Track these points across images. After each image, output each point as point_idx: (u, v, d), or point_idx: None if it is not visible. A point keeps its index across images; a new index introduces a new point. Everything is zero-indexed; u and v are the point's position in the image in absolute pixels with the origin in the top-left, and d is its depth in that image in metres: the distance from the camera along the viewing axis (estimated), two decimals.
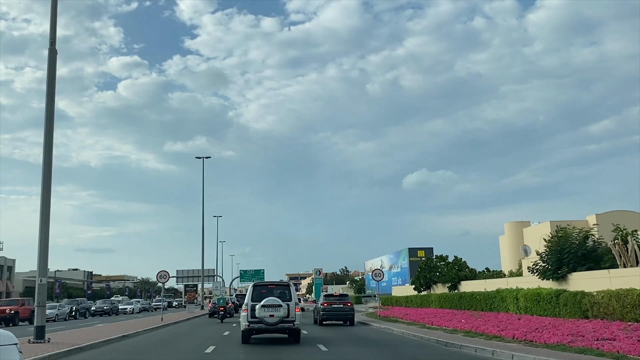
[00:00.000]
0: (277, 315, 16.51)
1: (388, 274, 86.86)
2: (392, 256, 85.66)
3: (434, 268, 43.82)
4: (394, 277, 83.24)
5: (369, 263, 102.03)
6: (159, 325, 28.56)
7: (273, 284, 18.46)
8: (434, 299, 37.74)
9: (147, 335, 22.78)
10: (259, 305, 16.53)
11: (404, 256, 78.04)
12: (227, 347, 16.33)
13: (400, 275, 79.56)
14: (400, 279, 79.30)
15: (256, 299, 16.96)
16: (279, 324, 16.67)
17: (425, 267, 44.44)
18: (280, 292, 17.40)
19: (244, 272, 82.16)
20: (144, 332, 24.33)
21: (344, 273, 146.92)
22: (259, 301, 16.71)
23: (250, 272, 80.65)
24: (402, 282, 77.14)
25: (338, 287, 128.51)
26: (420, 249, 76.66)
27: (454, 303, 33.73)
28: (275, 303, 16.56)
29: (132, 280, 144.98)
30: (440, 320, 24.18)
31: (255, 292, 17.41)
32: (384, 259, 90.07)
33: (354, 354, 14.60)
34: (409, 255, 75.85)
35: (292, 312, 16.79)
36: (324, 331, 23.44)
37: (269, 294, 17.20)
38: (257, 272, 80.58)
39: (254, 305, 16.65)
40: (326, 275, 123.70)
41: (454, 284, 40.27)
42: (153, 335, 23.23)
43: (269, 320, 16.53)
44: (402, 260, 79.31)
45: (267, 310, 16.47)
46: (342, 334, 21.57)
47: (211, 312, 36.55)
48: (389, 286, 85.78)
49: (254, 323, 16.65)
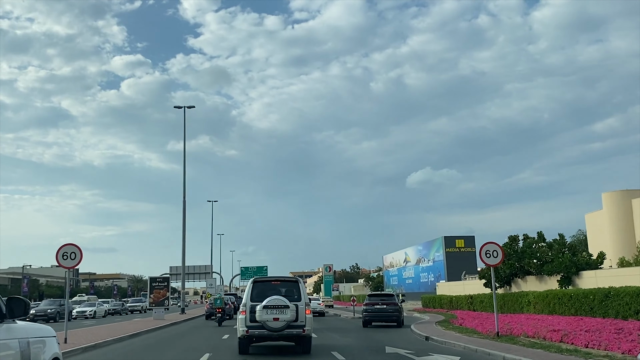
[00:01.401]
0: (282, 319, 13.44)
1: (415, 269, 73.32)
2: (420, 248, 71.97)
3: (526, 253, 29.50)
4: (423, 273, 69.71)
5: (388, 257, 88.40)
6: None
7: (278, 280, 15.02)
8: (532, 300, 24.05)
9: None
10: (260, 306, 13.48)
11: (438, 247, 64.35)
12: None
13: (433, 270, 65.88)
14: (433, 275, 65.65)
15: (257, 298, 13.88)
16: (285, 330, 13.56)
17: (512, 252, 29.90)
18: (286, 290, 14.33)
19: (245, 269, 75.99)
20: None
21: (355, 270, 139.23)
22: (260, 301, 13.65)
23: (252, 269, 74.78)
24: (436, 277, 63.56)
25: (350, 286, 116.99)
26: (459, 237, 63.17)
27: (573, 305, 20.54)
28: (281, 303, 13.49)
29: (127, 279, 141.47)
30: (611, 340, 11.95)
31: (256, 289, 14.23)
32: (410, 252, 76.39)
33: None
34: (444, 246, 62.30)
35: (302, 314, 13.68)
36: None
37: (272, 291, 14.10)
38: (259, 269, 74.46)
39: (254, 306, 13.65)
40: (335, 273, 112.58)
41: (567, 277, 26.30)
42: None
43: (272, 324, 13.47)
44: (434, 252, 65.62)
45: (271, 313, 13.45)
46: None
47: (208, 314, 34.62)
48: (416, 283, 72.36)
49: (253, 328, 13.67)
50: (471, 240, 62.64)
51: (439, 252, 64.22)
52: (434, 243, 66.10)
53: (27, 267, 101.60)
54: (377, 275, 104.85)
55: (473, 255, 61.87)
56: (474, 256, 62.05)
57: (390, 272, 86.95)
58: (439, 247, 63.96)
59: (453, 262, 61.25)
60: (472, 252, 62.03)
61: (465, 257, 61.45)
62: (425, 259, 69.34)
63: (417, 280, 72.12)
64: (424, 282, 69.12)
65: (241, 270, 77.98)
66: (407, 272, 77.29)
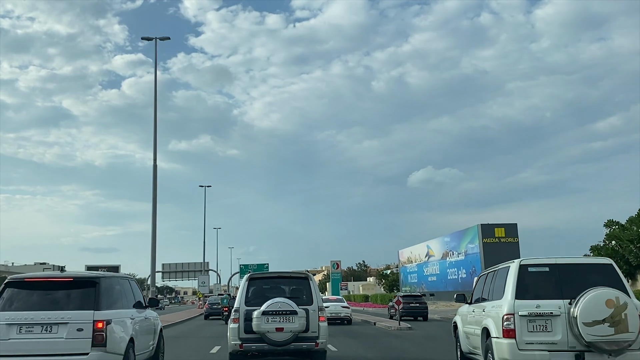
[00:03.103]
0: (288, 329, 10.31)
1: (441, 264, 63.31)
2: (447, 239, 61.86)
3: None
4: (452, 269, 59.67)
5: (405, 252, 78.36)
6: None
7: (282, 275, 11.65)
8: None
9: None
10: (259, 312, 10.36)
11: (472, 237, 54.29)
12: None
13: (465, 265, 55.82)
14: (465, 270, 55.62)
15: (253, 300, 10.77)
16: (292, 344, 10.40)
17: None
18: (293, 290, 11.18)
19: (245, 267, 69.20)
20: None
21: (362, 268, 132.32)
22: (258, 305, 10.53)
23: (252, 267, 68.50)
24: (470, 273, 53.49)
25: (358, 284, 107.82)
26: (499, 225, 53.04)
27: None
28: (286, 308, 10.33)
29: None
30: None
31: (252, 289, 11.08)
32: (434, 245, 66.35)
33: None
34: (481, 236, 52.15)
35: (314, 322, 10.58)
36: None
37: (274, 292, 11.00)
38: (260, 267, 68.19)
39: (250, 312, 10.54)
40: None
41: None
42: None
43: (275, 337, 10.32)
44: (467, 243, 55.56)
45: (272, 321, 10.30)
46: None
47: (207, 314, 35.26)
48: (442, 281, 62.29)
49: (250, 342, 10.53)
50: (513, 228, 52.61)
51: (473, 243, 54.13)
52: (467, 233, 56.02)
53: (8, 265, 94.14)
54: (391, 273, 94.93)
55: (515, 247, 51.96)
56: (517, 247, 52.15)
57: (407, 269, 76.86)
58: (474, 237, 53.87)
59: (492, 255, 50.96)
60: (514, 243, 52.15)
61: (506, 248, 51.36)
62: (454, 252, 59.22)
63: (443, 277, 62.07)
64: (452, 280, 59.10)
65: (240, 268, 71.67)
66: (430, 267, 67.17)
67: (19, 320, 7.76)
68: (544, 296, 7.86)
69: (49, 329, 7.76)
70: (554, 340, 7.63)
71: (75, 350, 7.71)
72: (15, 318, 7.77)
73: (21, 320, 7.76)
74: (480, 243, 52.12)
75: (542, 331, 7.71)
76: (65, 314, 7.83)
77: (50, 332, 7.74)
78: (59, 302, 8.02)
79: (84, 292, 8.14)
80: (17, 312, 7.84)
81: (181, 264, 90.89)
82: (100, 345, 7.78)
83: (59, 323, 7.78)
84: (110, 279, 8.98)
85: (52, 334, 7.74)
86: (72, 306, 7.97)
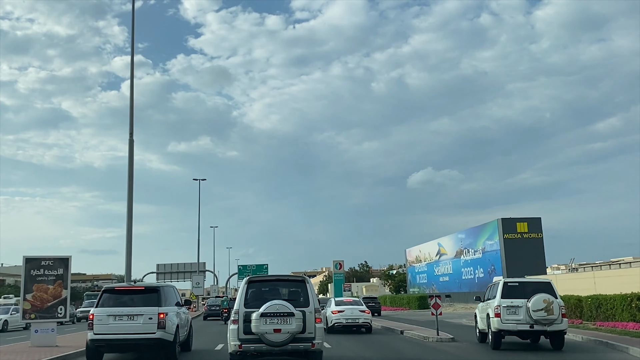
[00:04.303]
0: (286, 330, 10.94)
1: (454, 263, 58.68)
2: (462, 236, 57.19)
3: None
4: (467, 267, 54.99)
5: (413, 251, 73.67)
6: None
7: (280, 279, 12.40)
8: None
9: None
10: (257, 314, 11.01)
11: (491, 233, 49.65)
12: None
13: (483, 263, 51.18)
14: (483, 269, 50.98)
15: (252, 302, 11.42)
16: (289, 344, 11.06)
17: None
18: (290, 292, 11.78)
19: (244, 267, 66.73)
20: None
21: (364, 269, 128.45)
22: (256, 307, 11.18)
23: (251, 268, 66.25)
24: (488, 273, 48.90)
25: (361, 285, 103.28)
26: (521, 219, 48.36)
27: None
28: (284, 310, 10.99)
29: (117, 279, 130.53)
30: None
31: (251, 292, 11.70)
32: (446, 242, 61.71)
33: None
34: (502, 231, 47.51)
35: (311, 324, 11.23)
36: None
37: (272, 294, 11.64)
38: (259, 268, 66.12)
39: (249, 314, 11.17)
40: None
41: None
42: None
43: (273, 337, 10.97)
44: (485, 239, 50.92)
45: (270, 322, 10.96)
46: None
47: (206, 315, 36.92)
48: (456, 281, 57.66)
49: (249, 342, 11.15)
50: (537, 223, 47.92)
51: (492, 239, 49.45)
52: (485, 229, 51.32)
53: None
54: (397, 273, 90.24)
55: (540, 243, 47.41)
56: (541, 244, 47.54)
57: (416, 268, 72.12)
58: (493, 233, 49.19)
59: (514, 252, 46.65)
60: (538, 239, 47.57)
61: (530, 245, 46.88)
62: (470, 249, 54.53)
63: (457, 276, 57.39)
64: (467, 280, 54.43)
65: (239, 268, 68.52)
66: (441, 267, 62.46)
67: (115, 313, 12.82)
68: (515, 297, 15.11)
69: (133, 318, 12.80)
70: (519, 319, 14.91)
71: (148, 330, 12.74)
72: (112, 312, 12.85)
73: (116, 313, 12.82)
74: (500, 239, 47.47)
75: (514, 314, 15.00)
76: (142, 309, 12.85)
77: (133, 320, 12.78)
78: (137, 301, 13.06)
79: (151, 296, 13.20)
80: (113, 308, 12.92)
81: (177, 264, 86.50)
82: (162, 328, 12.81)
83: (138, 314, 12.82)
84: (165, 287, 14.04)
85: (135, 321, 12.77)
86: (145, 304, 12.96)
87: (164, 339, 12.79)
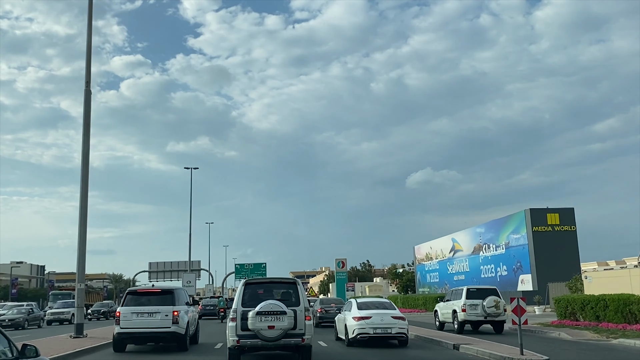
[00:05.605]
0: (278, 327, 12.29)
1: (472, 260, 53.54)
2: (481, 230, 52.04)
3: None
4: (488, 265, 49.90)
5: (422, 248, 68.62)
6: None
7: (273, 281, 13.91)
8: None
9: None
10: (253, 312, 12.32)
11: (517, 226, 44.54)
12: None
13: (506, 260, 46.09)
14: (506, 266, 45.96)
15: (249, 302, 12.75)
16: (281, 339, 12.41)
17: None
18: (283, 293, 13.20)
19: (241, 266, 65.70)
20: None
21: (366, 268, 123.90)
22: (252, 306, 12.48)
23: (249, 267, 65.24)
24: (513, 270, 43.88)
25: (364, 285, 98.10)
26: (552, 210, 43.15)
27: None
28: (277, 309, 12.30)
29: (110, 279, 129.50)
30: None
31: (248, 292, 13.11)
32: (461, 237, 56.64)
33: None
34: (531, 223, 42.40)
35: (301, 321, 12.57)
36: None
37: (266, 295, 13.02)
38: (257, 267, 65.32)
39: (246, 313, 12.51)
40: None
41: None
42: None
43: (267, 333, 12.32)
44: (509, 233, 45.78)
45: (265, 320, 12.27)
46: None
47: (201, 314, 37.68)
48: (473, 280, 52.13)
49: (245, 338, 12.48)
50: (569, 214, 42.77)
51: (517, 233, 44.31)
52: (509, 221, 46.14)
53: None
54: (404, 272, 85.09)
55: (573, 236, 42.29)
56: (575, 237, 42.38)
57: (426, 267, 66.96)
58: (519, 226, 44.04)
59: (544, 247, 41.57)
60: (571, 232, 42.45)
61: (563, 238, 41.77)
62: (491, 244, 49.35)
63: (474, 275, 52.16)
64: (487, 278, 49.19)
65: (236, 267, 66.84)
66: (456, 264, 57.28)
67: (137, 311, 15.78)
68: (474, 298, 22.03)
69: (152, 315, 15.71)
70: (477, 313, 21.68)
71: (164, 325, 15.60)
72: (135, 310, 15.82)
73: (138, 311, 15.77)
74: (529, 232, 42.38)
75: (474, 310, 21.77)
76: (159, 308, 15.82)
77: (152, 317, 15.69)
78: (155, 301, 16.12)
79: (167, 297, 16.34)
80: (135, 307, 15.92)
81: (169, 263, 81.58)
82: (176, 323, 15.69)
83: (156, 312, 15.73)
84: (178, 290, 17.46)
85: (153, 318, 15.68)
86: (161, 303, 15.97)
87: (177, 332, 15.87)
